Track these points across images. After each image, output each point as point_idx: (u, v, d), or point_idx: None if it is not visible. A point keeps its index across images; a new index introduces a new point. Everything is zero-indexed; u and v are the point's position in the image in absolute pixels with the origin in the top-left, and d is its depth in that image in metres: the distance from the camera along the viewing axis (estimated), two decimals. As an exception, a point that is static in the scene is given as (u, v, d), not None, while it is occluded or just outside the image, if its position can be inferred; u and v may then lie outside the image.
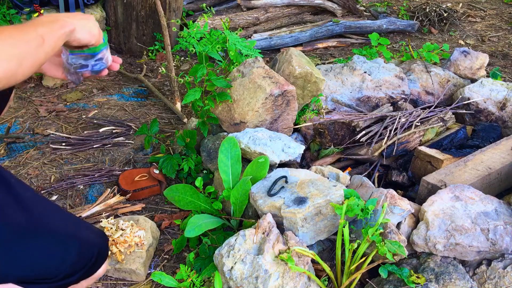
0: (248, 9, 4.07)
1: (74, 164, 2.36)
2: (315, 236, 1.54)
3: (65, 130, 2.64)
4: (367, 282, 1.56)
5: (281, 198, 1.54)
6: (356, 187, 1.74)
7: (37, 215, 1.21)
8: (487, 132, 2.29)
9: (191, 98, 2.06)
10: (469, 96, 2.54)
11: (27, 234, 1.15)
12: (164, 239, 1.91)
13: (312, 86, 2.24)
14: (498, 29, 4.53)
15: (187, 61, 3.71)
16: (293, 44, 3.96)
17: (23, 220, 1.16)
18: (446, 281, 1.44)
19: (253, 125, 2.11)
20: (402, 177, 2.11)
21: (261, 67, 2.15)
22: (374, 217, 1.52)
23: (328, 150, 2.25)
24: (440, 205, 1.58)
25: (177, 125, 2.79)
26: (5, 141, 2.48)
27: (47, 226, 1.22)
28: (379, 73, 2.65)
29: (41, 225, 1.20)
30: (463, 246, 1.47)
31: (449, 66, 2.87)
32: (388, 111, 2.40)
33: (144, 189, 2.13)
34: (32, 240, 1.16)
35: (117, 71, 3.44)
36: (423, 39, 4.25)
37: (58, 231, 1.23)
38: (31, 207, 1.20)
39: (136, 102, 3.05)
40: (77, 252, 1.21)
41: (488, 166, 1.91)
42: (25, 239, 1.15)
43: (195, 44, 2.13)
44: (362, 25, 4.18)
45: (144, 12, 3.54)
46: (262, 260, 1.36)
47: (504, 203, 1.63)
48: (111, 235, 1.72)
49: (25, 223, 1.15)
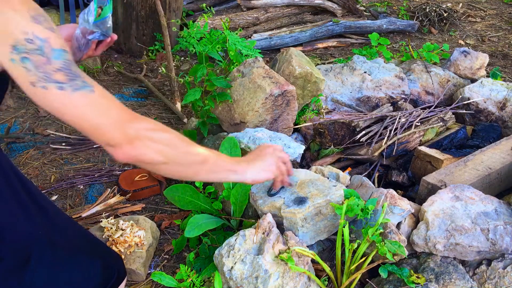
0: (248, 9, 4.07)
1: (74, 164, 2.36)
2: (315, 236, 1.54)
3: (65, 130, 2.64)
4: (367, 282, 1.56)
5: (281, 198, 1.54)
6: (356, 187, 1.74)
7: (69, 233, 1.24)
8: (487, 132, 2.29)
9: (191, 98, 2.06)
10: (469, 96, 2.54)
11: (65, 253, 1.18)
12: (164, 239, 1.91)
13: (312, 86, 2.24)
14: (498, 29, 4.53)
15: (187, 61, 3.71)
16: (293, 44, 3.96)
17: (61, 239, 1.18)
18: (446, 281, 1.44)
19: (253, 125, 2.11)
20: (402, 177, 2.11)
21: (261, 67, 2.15)
22: (374, 217, 1.52)
23: (328, 150, 2.25)
24: (440, 205, 1.58)
25: (177, 125, 2.79)
26: (5, 141, 2.48)
27: (78, 244, 1.24)
28: (379, 73, 2.65)
29: (74, 244, 1.23)
30: (463, 246, 1.47)
31: (449, 66, 2.87)
32: (388, 111, 2.40)
33: (144, 189, 2.13)
34: (68, 258, 1.18)
35: (117, 71, 3.44)
36: (423, 39, 4.25)
37: (86, 249, 1.26)
38: (63, 225, 1.23)
39: (136, 102, 3.05)
40: (101, 271, 1.24)
41: (488, 166, 1.91)
42: (64, 257, 1.17)
43: (195, 44, 2.14)
44: (362, 25, 4.18)
45: (144, 12, 3.54)
46: (262, 260, 1.36)
47: (504, 203, 1.63)
48: (111, 235, 1.72)
49: (62, 242, 1.18)
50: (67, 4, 3.14)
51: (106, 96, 0.92)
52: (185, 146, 1.04)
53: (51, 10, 3.20)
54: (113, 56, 3.66)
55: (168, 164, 1.01)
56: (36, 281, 1.11)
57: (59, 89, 0.86)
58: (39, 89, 0.86)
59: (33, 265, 1.10)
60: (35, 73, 0.85)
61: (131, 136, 0.93)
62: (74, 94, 0.87)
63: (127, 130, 0.92)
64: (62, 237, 1.19)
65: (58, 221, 1.22)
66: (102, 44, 1.26)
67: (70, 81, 0.87)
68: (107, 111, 0.91)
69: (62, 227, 1.22)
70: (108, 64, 3.53)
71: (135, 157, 0.95)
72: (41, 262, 1.12)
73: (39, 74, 0.85)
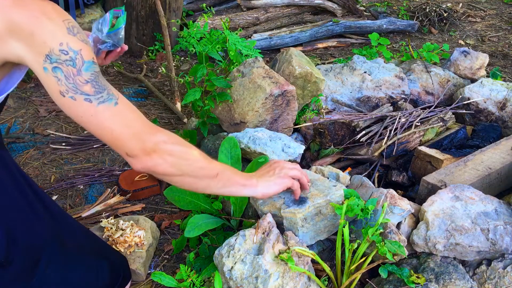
0: (248, 9, 4.07)
1: (74, 164, 2.36)
2: (315, 236, 1.54)
3: (65, 130, 2.64)
4: (367, 282, 1.56)
5: (281, 198, 1.54)
6: (356, 187, 1.74)
7: (77, 235, 1.27)
8: (487, 132, 2.29)
9: (191, 98, 2.06)
10: (469, 96, 2.54)
11: (74, 255, 1.20)
12: (164, 239, 1.91)
13: (312, 86, 2.24)
14: (498, 29, 4.53)
15: (187, 61, 3.71)
16: (293, 44, 3.96)
17: (70, 241, 1.20)
18: (446, 281, 1.44)
19: (253, 125, 2.11)
20: (402, 177, 2.11)
21: (261, 67, 2.15)
22: (374, 217, 1.52)
23: (328, 150, 2.25)
24: (440, 205, 1.58)
25: (177, 125, 2.79)
26: (5, 141, 2.48)
27: (86, 246, 1.27)
28: (379, 73, 2.65)
29: (82, 246, 1.25)
30: (463, 246, 1.47)
31: (449, 66, 2.87)
32: (388, 111, 2.40)
33: (144, 189, 2.13)
34: (77, 260, 1.20)
35: (117, 71, 3.44)
36: (423, 39, 4.25)
37: (93, 251, 1.28)
38: (71, 228, 1.26)
39: (136, 102, 3.05)
40: (108, 272, 1.26)
41: (488, 166, 1.91)
42: (73, 259, 1.19)
43: (195, 44, 2.13)
44: (362, 25, 4.18)
45: (144, 12, 3.54)
46: (262, 260, 1.36)
47: (504, 203, 1.63)
48: (111, 235, 1.72)
49: (71, 244, 1.20)
50: (67, 4, 3.14)
51: (128, 109, 0.98)
52: (200, 160, 1.10)
53: (51, 10, 3.20)
54: (113, 56, 3.66)
55: (182, 177, 1.08)
56: (45, 284, 1.12)
57: (86, 100, 0.91)
58: (67, 99, 0.90)
59: (42, 267, 1.11)
60: (65, 83, 0.89)
61: (149, 149, 0.99)
62: (99, 107, 0.92)
63: (146, 143, 0.99)
64: (70, 238, 1.20)
65: (64, 222, 1.24)
66: (112, 54, 1.28)
67: (96, 93, 0.92)
68: (128, 123, 0.97)
69: (69, 228, 1.24)
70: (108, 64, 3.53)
71: (151, 167, 1.01)
72: (50, 264, 1.12)
73: (68, 85, 0.89)
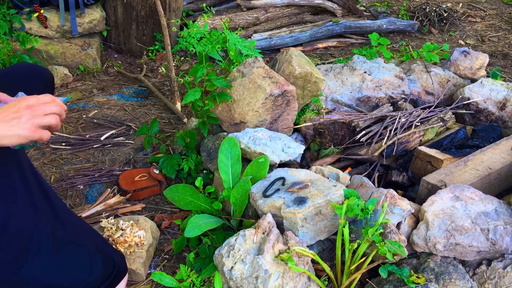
0: (248, 9, 4.07)
1: (74, 164, 2.36)
2: (315, 236, 1.54)
3: (65, 130, 2.64)
4: (367, 282, 1.56)
5: (281, 198, 1.54)
6: (356, 187, 1.74)
7: (73, 227, 1.27)
8: (487, 132, 2.29)
9: (191, 98, 2.06)
10: (469, 96, 2.54)
11: (66, 246, 1.20)
12: (164, 239, 1.91)
13: (312, 86, 2.24)
14: (498, 29, 4.53)
15: (187, 61, 3.71)
16: (293, 44, 3.96)
17: (64, 232, 1.21)
18: (446, 281, 1.44)
19: (253, 125, 2.11)
20: (402, 177, 2.11)
21: (261, 67, 2.15)
22: (374, 217, 1.52)
23: (328, 150, 2.25)
24: (440, 205, 1.58)
25: (177, 125, 2.79)
26: (5, 141, 2.48)
27: (80, 239, 1.27)
28: (379, 73, 2.65)
29: (76, 238, 1.25)
30: (463, 246, 1.47)
31: (449, 66, 2.87)
32: (388, 111, 2.40)
33: (144, 189, 2.13)
34: (69, 251, 1.20)
35: (117, 71, 3.44)
36: (423, 39, 4.25)
37: (88, 244, 1.28)
38: (67, 220, 1.26)
39: (136, 102, 3.05)
40: (102, 266, 1.26)
41: (488, 166, 1.91)
42: (64, 250, 1.19)
43: (195, 44, 2.13)
44: (362, 25, 4.18)
45: (144, 12, 3.54)
46: (262, 260, 1.36)
47: (504, 203, 1.63)
48: (111, 235, 1.72)
49: (64, 235, 1.20)
50: (67, 4, 3.14)
51: None
52: None
53: (51, 10, 3.19)
54: (113, 56, 3.66)
55: None
56: (32, 273, 1.12)
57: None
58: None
59: (30, 257, 1.11)
60: None
61: None
62: None
63: None
64: (63, 230, 1.20)
65: (62, 214, 1.24)
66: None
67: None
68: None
69: (65, 220, 1.24)
70: (108, 64, 3.53)
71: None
72: (39, 254, 1.12)
73: None
